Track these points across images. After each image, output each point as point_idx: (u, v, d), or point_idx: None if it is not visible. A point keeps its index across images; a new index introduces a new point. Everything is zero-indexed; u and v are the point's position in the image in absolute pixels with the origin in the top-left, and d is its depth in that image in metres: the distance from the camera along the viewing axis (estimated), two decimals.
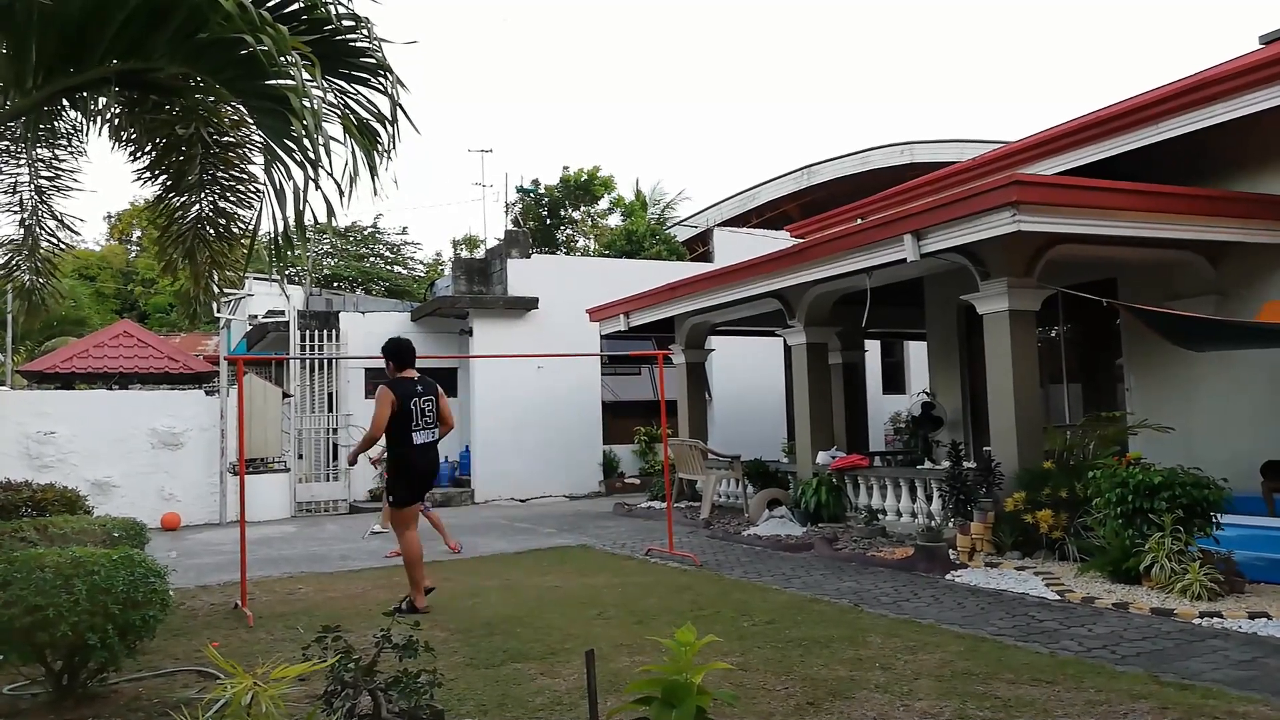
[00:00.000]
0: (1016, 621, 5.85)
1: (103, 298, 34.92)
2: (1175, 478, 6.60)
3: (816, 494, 10.49)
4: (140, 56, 4.46)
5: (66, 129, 7.00)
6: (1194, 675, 4.56)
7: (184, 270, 7.29)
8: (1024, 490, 7.87)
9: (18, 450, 13.06)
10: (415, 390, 6.72)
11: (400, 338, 7.07)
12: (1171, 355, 9.33)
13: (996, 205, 7.55)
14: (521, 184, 25.57)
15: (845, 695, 4.39)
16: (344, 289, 27.80)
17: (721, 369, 17.60)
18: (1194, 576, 6.12)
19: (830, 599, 6.77)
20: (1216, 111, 8.45)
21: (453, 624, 6.19)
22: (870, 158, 20.76)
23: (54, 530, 6.52)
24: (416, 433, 6.65)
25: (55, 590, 4.24)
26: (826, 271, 9.79)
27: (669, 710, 2.75)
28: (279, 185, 4.48)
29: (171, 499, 13.93)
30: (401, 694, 3.59)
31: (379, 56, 4.96)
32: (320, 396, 16.30)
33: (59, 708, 4.48)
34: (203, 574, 8.94)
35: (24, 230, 7.63)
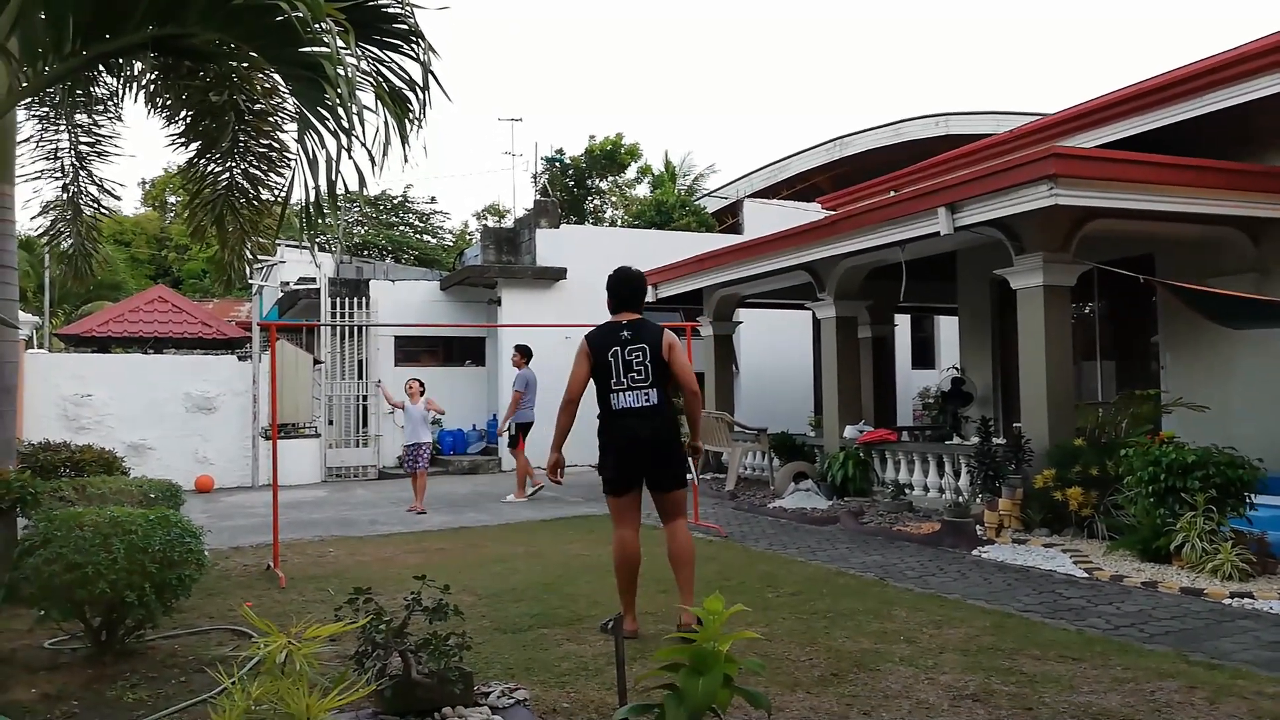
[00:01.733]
0: (1043, 598, 5.83)
1: (137, 263, 35.36)
2: (1209, 457, 6.52)
3: (843, 468, 10.47)
4: (176, 22, 4.48)
5: (103, 95, 7.08)
6: (1223, 655, 4.53)
7: (214, 236, 7.38)
8: (1054, 467, 7.81)
9: (56, 412, 13.31)
10: (619, 338, 5.06)
11: (626, 268, 5.38)
12: (1208, 333, 9.17)
13: (1033, 178, 7.43)
14: (549, 153, 25.51)
15: (870, 667, 4.41)
16: (374, 257, 27.93)
17: (749, 342, 17.54)
18: (1225, 556, 6.06)
19: (856, 572, 6.78)
20: (1262, 84, 8.24)
21: (481, 589, 6.28)
22: (904, 129, 20.43)
23: (92, 490, 6.66)
24: (618, 394, 5.03)
25: (94, 549, 4.33)
26: (858, 244, 9.71)
27: (696, 678, 2.77)
28: (311, 153, 4.50)
29: (205, 462, 14.16)
30: (431, 656, 3.65)
31: (411, 23, 4.96)
32: (350, 363, 16.45)
33: (98, 663, 4.60)
34: (235, 536, 9.10)
35: (65, 195, 7.74)
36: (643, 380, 4.99)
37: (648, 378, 5.00)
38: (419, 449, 10.97)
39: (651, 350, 5.01)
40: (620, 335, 5.05)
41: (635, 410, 4.99)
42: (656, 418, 5.04)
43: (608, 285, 5.30)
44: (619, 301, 5.23)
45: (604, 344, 5.05)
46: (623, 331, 5.06)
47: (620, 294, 5.23)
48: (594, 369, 5.04)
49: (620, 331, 5.07)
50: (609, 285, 5.29)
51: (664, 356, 5.03)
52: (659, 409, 5.04)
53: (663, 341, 5.04)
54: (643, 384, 4.99)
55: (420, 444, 10.98)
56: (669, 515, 5.13)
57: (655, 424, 5.03)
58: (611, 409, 5.03)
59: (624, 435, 5.02)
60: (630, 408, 4.99)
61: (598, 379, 5.05)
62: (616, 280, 5.28)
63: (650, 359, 5.00)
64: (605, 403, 5.06)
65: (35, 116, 7.39)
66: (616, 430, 5.04)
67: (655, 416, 5.03)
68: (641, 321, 5.16)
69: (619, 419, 5.02)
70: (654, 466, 5.04)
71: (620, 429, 5.03)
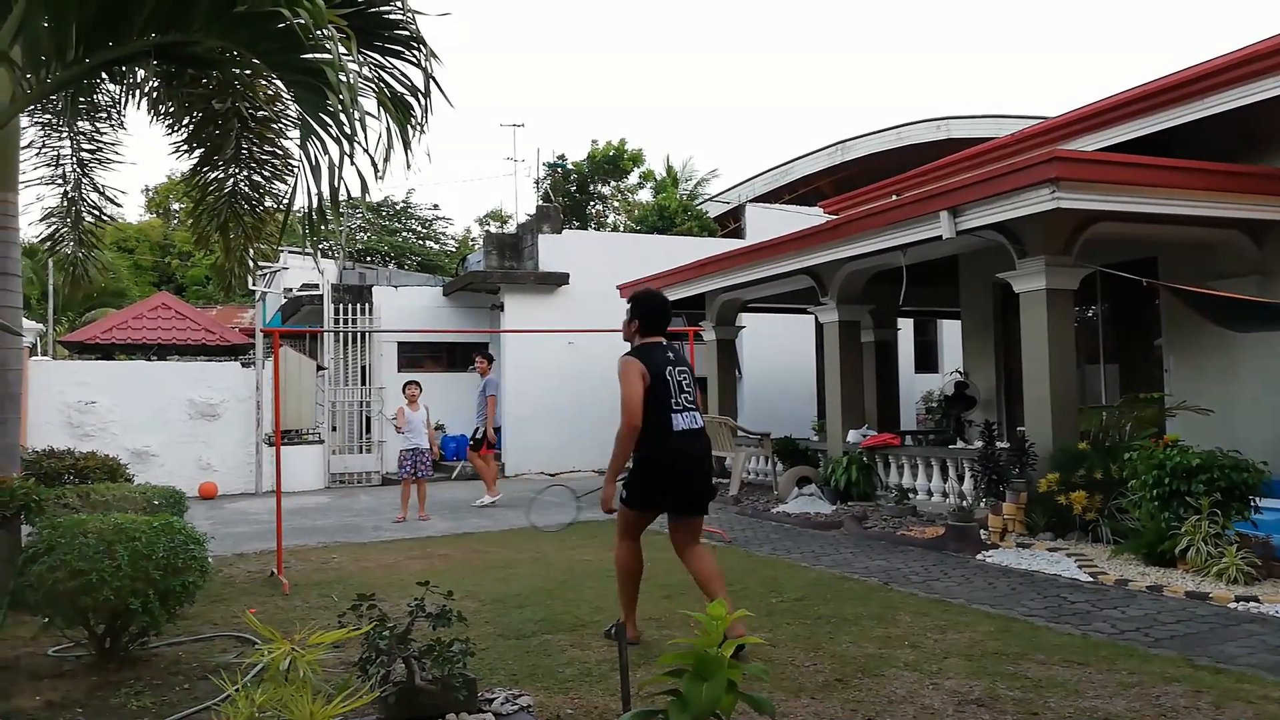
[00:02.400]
0: (1048, 602, 5.81)
1: (141, 270, 35.43)
2: (1213, 460, 6.51)
3: (847, 472, 10.46)
4: (179, 29, 4.49)
5: (106, 102, 7.09)
6: (1229, 659, 4.51)
7: (218, 243, 7.39)
8: (1058, 471, 7.79)
9: (60, 419, 13.33)
10: (668, 359, 4.95)
11: (652, 291, 5.31)
12: (1212, 336, 9.16)
13: (1035, 182, 7.43)
14: (551, 159, 25.56)
15: (874, 673, 4.39)
16: (377, 263, 27.98)
17: (752, 346, 17.53)
18: (1230, 560, 6.04)
19: (859, 577, 6.76)
20: (1264, 87, 8.23)
21: (485, 595, 6.27)
22: (905, 133, 20.45)
23: (96, 497, 6.65)
24: (677, 415, 4.87)
25: (98, 555, 4.33)
26: (860, 248, 9.70)
27: (700, 683, 2.76)
28: (314, 160, 4.50)
29: (209, 468, 14.16)
30: (435, 662, 3.65)
31: (413, 29, 4.97)
32: (354, 369, 16.47)
33: (102, 669, 4.60)
34: (239, 542, 9.10)
35: (67, 202, 7.75)
36: (692, 403, 4.98)
37: (695, 400, 5.02)
38: (418, 455, 10.89)
39: (693, 374, 5.07)
40: (668, 356, 4.97)
41: (691, 432, 4.91)
42: (705, 440, 5.07)
43: (641, 307, 5.08)
44: (655, 325, 5.07)
45: (659, 364, 4.89)
46: (668, 353, 4.99)
47: (654, 319, 5.07)
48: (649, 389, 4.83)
49: (668, 353, 4.99)
50: (645, 307, 5.09)
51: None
52: (704, 431, 5.07)
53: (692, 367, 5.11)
54: (693, 407, 4.97)
55: (420, 449, 10.91)
56: (694, 538, 5.05)
57: (705, 446, 5.07)
58: (671, 429, 4.83)
59: (678, 456, 4.88)
60: (688, 429, 4.89)
61: (654, 399, 4.84)
62: (654, 303, 5.13)
63: (694, 382, 5.04)
64: (662, 423, 4.83)
65: (38, 123, 7.41)
66: (671, 451, 4.85)
67: (704, 439, 5.06)
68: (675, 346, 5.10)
69: (676, 440, 4.85)
70: (701, 488, 5.00)
71: (675, 450, 4.86)
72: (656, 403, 4.83)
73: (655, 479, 4.91)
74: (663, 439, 4.82)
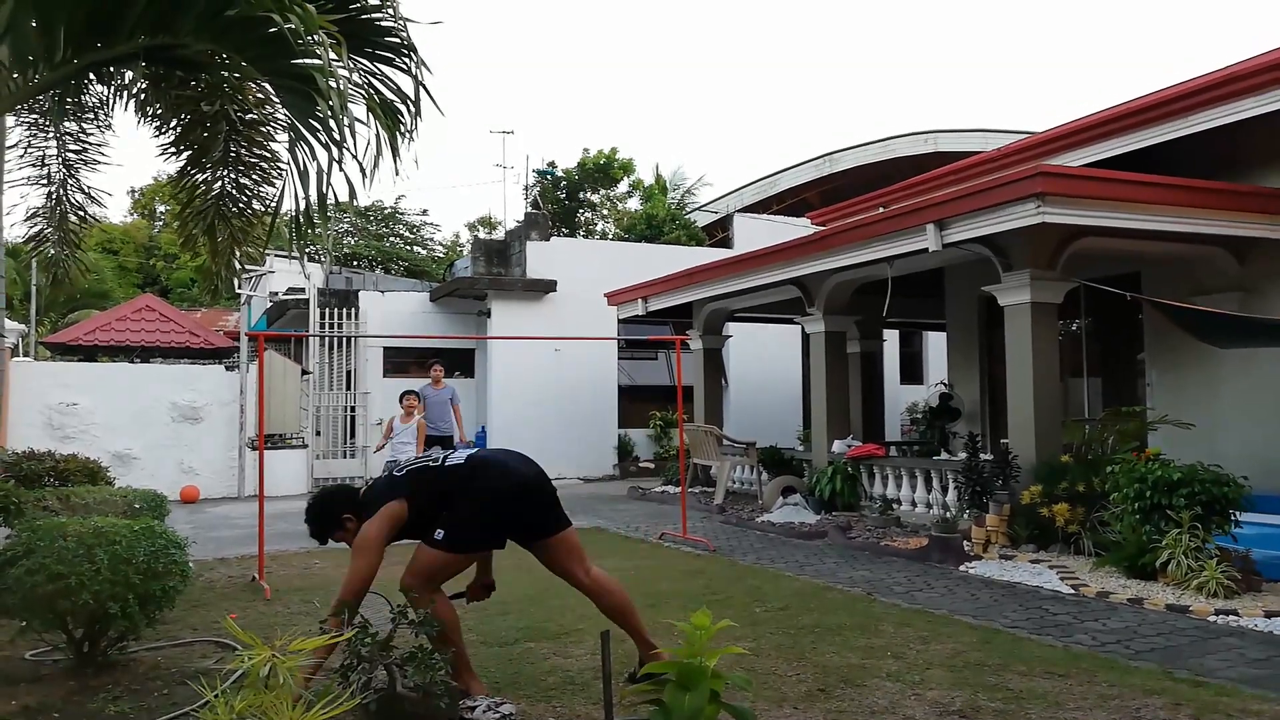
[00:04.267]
0: (1030, 614, 5.84)
1: (125, 272, 35.19)
2: (1195, 474, 6.56)
3: (831, 482, 10.49)
4: (168, 32, 4.47)
5: (93, 103, 7.05)
6: (1208, 672, 4.54)
7: (204, 246, 7.34)
8: (1041, 483, 7.84)
9: (41, 421, 13.21)
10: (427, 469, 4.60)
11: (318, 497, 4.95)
12: (1194, 351, 9.24)
13: (1021, 196, 7.49)
14: (540, 166, 25.59)
15: (857, 683, 4.40)
16: (364, 268, 27.90)
17: (739, 356, 17.57)
18: (1211, 574, 6.09)
19: (843, 587, 6.78)
20: (1246, 106, 8.33)
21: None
22: (893, 146, 20.59)
23: (76, 500, 6.60)
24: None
25: (77, 559, 4.30)
26: (847, 260, 9.75)
27: (683, 693, 2.77)
28: (302, 165, 4.50)
29: (191, 472, 14.07)
30: (417, 669, 3.64)
31: (404, 36, 4.97)
32: (339, 374, 16.40)
33: (80, 674, 4.56)
34: (221, 547, 9.04)
35: (52, 203, 7.70)
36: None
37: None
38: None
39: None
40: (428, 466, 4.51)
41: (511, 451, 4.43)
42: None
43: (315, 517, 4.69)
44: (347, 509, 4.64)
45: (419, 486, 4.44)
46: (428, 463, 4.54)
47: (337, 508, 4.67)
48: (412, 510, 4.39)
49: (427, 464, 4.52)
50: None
51: None
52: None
53: None
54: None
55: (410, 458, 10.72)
56: (580, 560, 4.37)
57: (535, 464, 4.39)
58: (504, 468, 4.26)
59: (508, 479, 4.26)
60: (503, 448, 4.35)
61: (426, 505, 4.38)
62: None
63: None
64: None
65: (24, 123, 7.36)
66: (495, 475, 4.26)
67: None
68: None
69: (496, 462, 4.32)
70: (548, 508, 4.35)
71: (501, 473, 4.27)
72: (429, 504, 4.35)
73: (482, 508, 4.34)
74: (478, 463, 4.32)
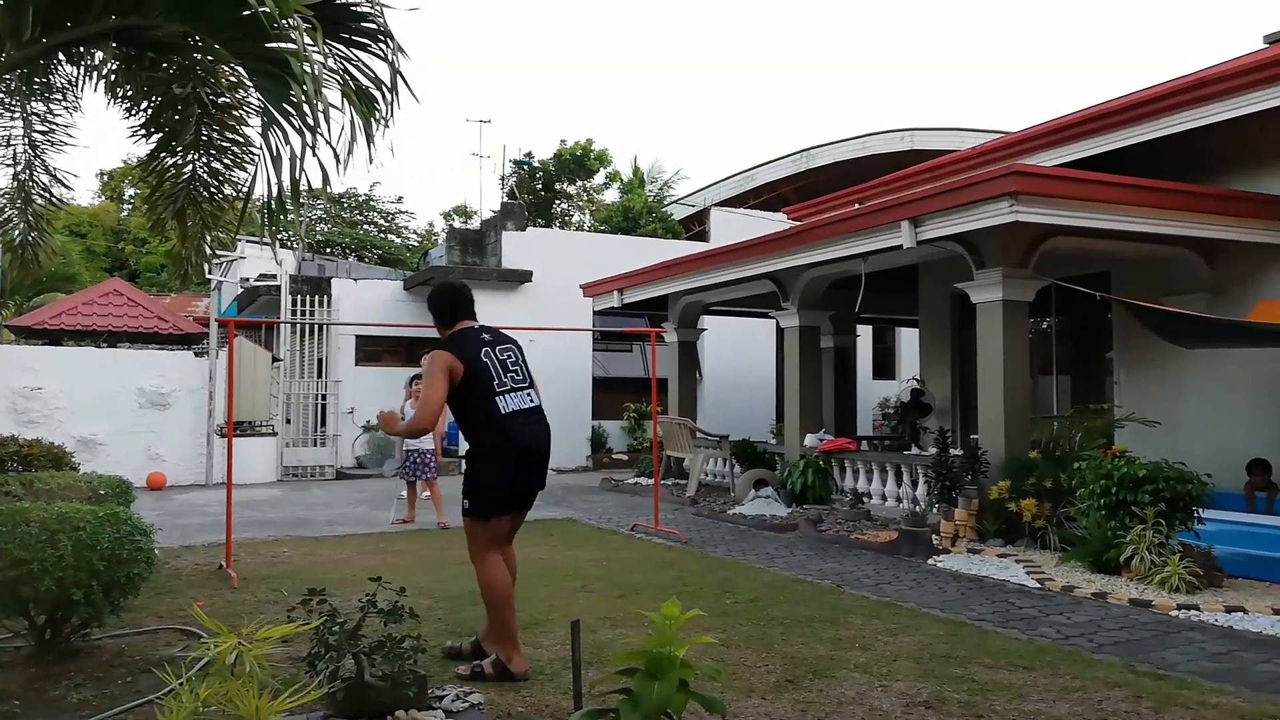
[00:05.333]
0: (996, 607, 5.91)
1: (93, 255, 34.66)
2: (1159, 471, 6.66)
3: (803, 475, 10.55)
4: (139, 13, 4.40)
5: (62, 83, 6.92)
6: (1169, 666, 4.62)
7: (174, 230, 7.24)
8: (1009, 479, 7.93)
9: (4, 405, 13.01)
10: (482, 339, 4.52)
11: (449, 281, 4.94)
12: (1161, 350, 9.38)
13: (995, 195, 7.55)
14: (517, 156, 25.47)
15: (825, 674, 4.44)
16: (337, 255, 27.67)
17: (713, 349, 17.61)
18: (1173, 569, 6.19)
19: (813, 579, 6.82)
20: (1215, 110, 8.47)
21: (438, 592, 6.23)
22: (869, 143, 20.68)
23: (40, 486, 6.50)
24: (503, 396, 4.40)
25: (40, 545, 4.23)
26: (822, 255, 9.80)
27: (652, 682, 2.77)
28: (275, 150, 4.44)
29: (158, 459, 13.91)
30: (385, 658, 3.62)
31: (380, 22, 4.91)
32: (310, 362, 16.27)
33: (42, 662, 4.49)
34: (188, 534, 8.95)
35: (17, 184, 7.56)
36: (523, 382, 4.53)
37: (527, 378, 4.58)
38: (422, 456, 9.82)
39: (519, 352, 4.63)
40: (482, 336, 4.55)
41: (525, 412, 4.44)
42: (544, 422, 4.58)
43: (436, 304, 4.70)
44: (456, 312, 4.66)
45: (473, 347, 4.45)
46: (483, 334, 4.57)
47: (455, 308, 4.67)
48: (465, 380, 4.36)
49: (482, 334, 4.57)
50: (438, 302, 4.70)
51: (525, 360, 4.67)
52: (541, 411, 4.60)
53: (520, 346, 4.68)
54: (524, 385, 4.52)
55: (424, 450, 9.80)
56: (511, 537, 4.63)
57: (545, 429, 4.56)
58: (499, 414, 4.35)
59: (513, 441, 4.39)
60: (520, 409, 4.42)
61: (471, 389, 4.37)
62: (443, 293, 4.74)
63: (521, 359, 4.61)
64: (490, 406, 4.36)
65: None
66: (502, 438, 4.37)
67: (543, 420, 4.57)
68: (494, 329, 4.70)
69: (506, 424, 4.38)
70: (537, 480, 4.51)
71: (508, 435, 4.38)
72: (475, 392, 4.36)
73: (492, 476, 4.40)
74: (491, 429, 4.37)
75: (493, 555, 4.45)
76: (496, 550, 4.48)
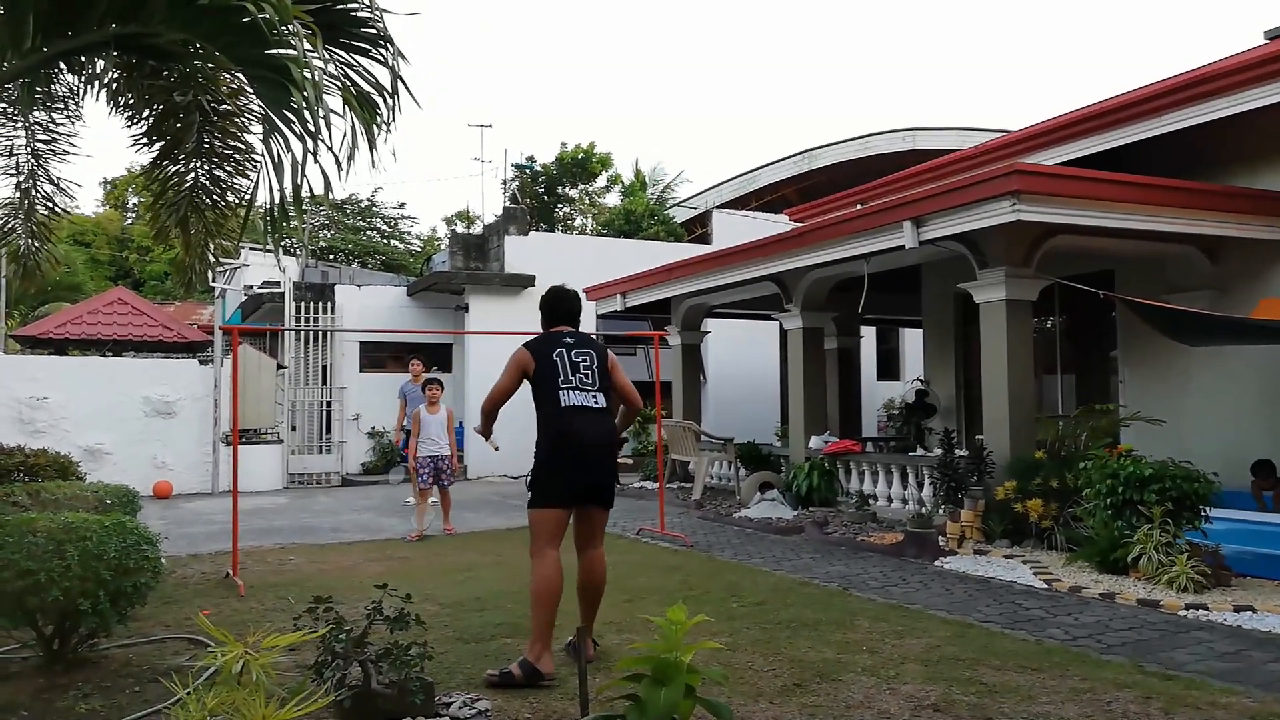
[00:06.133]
0: (1003, 609, 5.89)
1: (97, 264, 34.74)
2: (1166, 470, 6.64)
3: (808, 478, 10.53)
4: (138, 21, 4.40)
5: (63, 92, 6.94)
6: (1178, 666, 4.60)
7: (178, 238, 7.25)
8: (1015, 479, 7.90)
9: (10, 415, 13.03)
10: (563, 342, 4.82)
11: (556, 288, 5.13)
12: (1166, 349, 9.35)
13: (997, 194, 7.54)
14: (519, 160, 25.50)
15: (832, 677, 4.42)
16: (340, 262, 27.71)
17: (717, 351, 17.61)
18: (1181, 569, 6.16)
19: (819, 582, 6.81)
20: (1217, 107, 8.45)
21: (444, 598, 6.22)
22: (871, 143, 20.67)
23: (46, 495, 6.50)
24: (565, 392, 4.65)
25: (47, 555, 4.24)
26: (825, 256, 9.78)
27: (658, 688, 2.76)
28: (277, 156, 4.43)
29: (164, 467, 13.92)
30: (392, 666, 3.61)
31: (380, 27, 4.92)
32: (315, 369, 16.28)
33: (49, 672, 4.49)
34: (194, 543, 8.96)
35: (20, 194, 7.58)
36: (590, 382, 4.73)
37: (596, 381, 4.75)
38: (438, 462, 9.56)
39: (597, 356, 4.83)
40: (564, 339, 4.84)
41: (584, 409, 4.65)
42: (606, 422, 4.76)
43: (542, 302, 5.08)
44: (554, 316, 5.02)
45: (550, 348, 4.77)
46: (565, 337, 4.86)
47: (555, 308, 5.02)
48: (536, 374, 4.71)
49: (564, 337, 4.86)
50: (543, 301, 5.08)
51: (609, 365, 4.88)
52: (608, 412, 4.80)
53: (603, 351, 4.90)
54: (590, 386, 4.72)
55: (440, 456, 9.57)
56: (596, 539, 4.79)
57: (606, 428, 4.74)
58: (560, 405, 4.61)
59: (569, 433, 4.59)
60: (580, 405, 4.64)
61: (540, 381, 4.71)
62: (550, 296, 5.08)
63: (596, 363, 4.80)
64: (551, 403, 4.65)
65: None
66: (562, 428, 4.60)
67: (605, 420, 4.75)
68: (583, 334, 4.99)
69: (566, 416, 4.61)
70: (600, 476, 4.68)
71: (566, 427, 4.60)
72: (542, 385, 4.69)
73: (552, 465, 4.60)
74: (552, 421, 4.63)
75: (548, 551, 4.55)
76: (554, 546, 4.57)
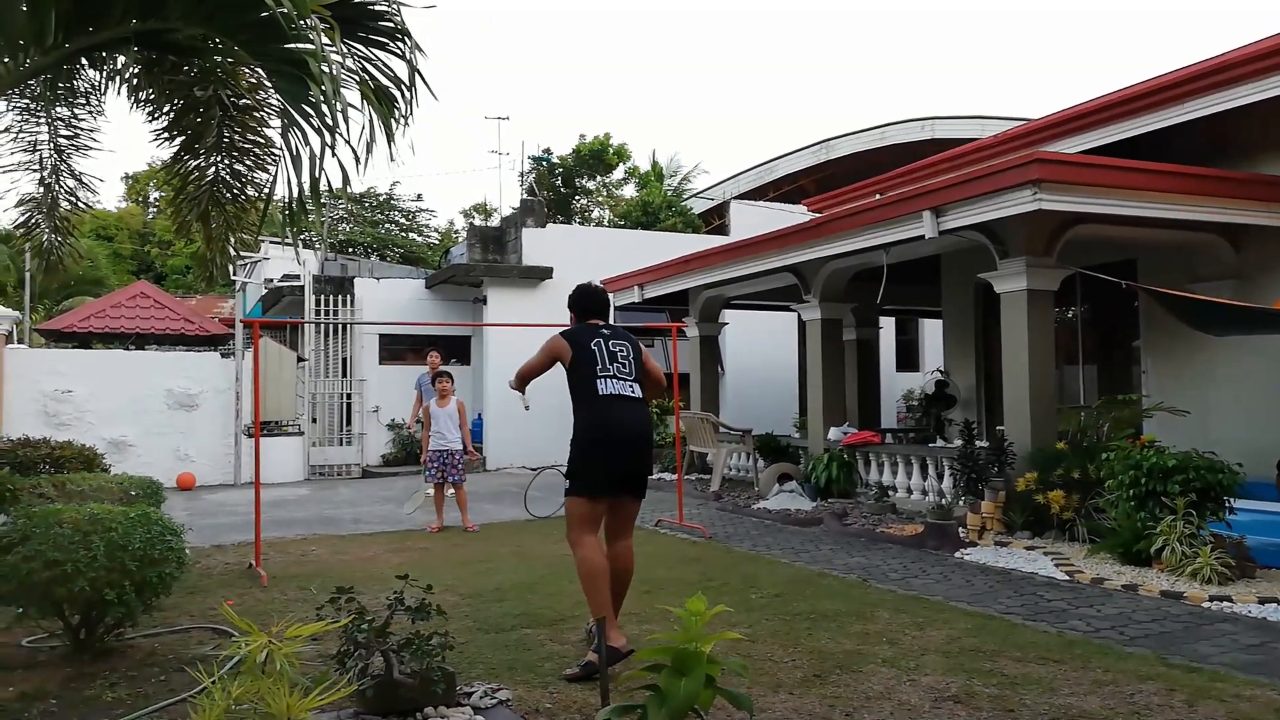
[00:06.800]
0: (1025, 600, 5.86)
1: (120, 258, 35.05)
2: (1189, 461, 6.58)
3: (827, 469, 10.51)
4: (158, 16, 4.44)
5: (85, 88, 6.99)
6: (1202, 658, 4.56)
7: (199, 232, 7.30)
8: (1036, 470, 7.85)
9: (35, 408, 13.19)
10: (599, 332, 4.88)
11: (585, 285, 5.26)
12: (1189, 339, 9.25)
13: (1017, 183, 7.47)
14: (536, 153, 25.51)
15: (852, 668, 4.42)
16: (359, 255, 27.83)
17: (735, 343, 17.57)
18: (1204, 560, 6.11)
19: (839, 573, 6.80)
20: (1242, 93, 8.33)
21: (464, 589, 6.26)
22: (889, 133, 20.52)
23: (72, 487, 6.60)
24: (604, 380, 4.69)
25: (74, 546, 4.30)
26: (843, 247, 9.74)
27: (678, 678, 2.77)
28: (295, 150, 4.46)
29: (187, 459, 14.06)
30: (413, 656, 3.64)
31: (398, 20, 4.93)
32: (334, 361, 16.39)
33: (76, 661, 4.56)
34: (217, 534, 9.05)
35: (44, 189, 7.65)
36: (627, 371, 4.77)
37: (633, 371, 4.80)
38: (448, 456, 9.46)
39: (632, 348, 4.89)
40: (602, 330, 4.91)
41: (620, 397, 4.68)
42: (640, 411, 4.79)
43: (571, 298, 5.17)
44: (586, 310, 5.08)
45: (586, 337, 4.83)
46: (602, 329, 4.93)
47: (585, 302, 5.10)
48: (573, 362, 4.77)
49: (601, 329, 4.94)
50: (573, 296, 5.16)
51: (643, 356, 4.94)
52: (645, 402, 4.86)
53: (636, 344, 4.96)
54: (626, 376, 4.76)
55: (452, 451, 9.48)
56: (626, 530, 4.82)
57: (640, 416, 4.76)
58: (596, 393, 4.65)
59: (603, 420, 4.64)
60: (616, 394, 4.67)
61: (577, 369, 4.75)
62: (580, 291, 5.17)
63: (632, 353, 4.87)
64: (587, 390, 4.69)
65: (15, 108, 7.30)
66: (596, 416, 4.65)
67: (639, 409, 4.78)
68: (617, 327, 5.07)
69: (601, 404, 4.65)
70: (632, 464, 4.70)
71: (601, 414, 4.64)
72: (580, 372, 4.74)
73: (591, 453, 4.64)
74: (589, 408, 4.68)
75: (587, 537, 4.62)
76: (591, 532, 4.65)
